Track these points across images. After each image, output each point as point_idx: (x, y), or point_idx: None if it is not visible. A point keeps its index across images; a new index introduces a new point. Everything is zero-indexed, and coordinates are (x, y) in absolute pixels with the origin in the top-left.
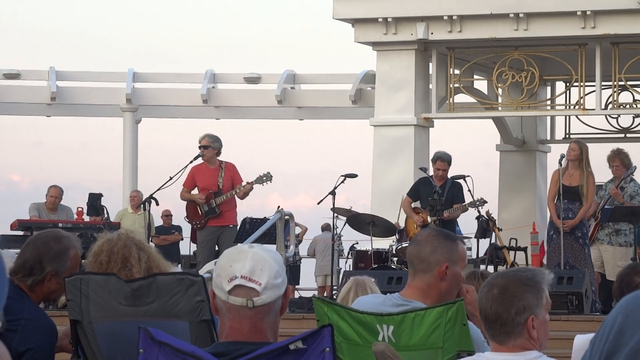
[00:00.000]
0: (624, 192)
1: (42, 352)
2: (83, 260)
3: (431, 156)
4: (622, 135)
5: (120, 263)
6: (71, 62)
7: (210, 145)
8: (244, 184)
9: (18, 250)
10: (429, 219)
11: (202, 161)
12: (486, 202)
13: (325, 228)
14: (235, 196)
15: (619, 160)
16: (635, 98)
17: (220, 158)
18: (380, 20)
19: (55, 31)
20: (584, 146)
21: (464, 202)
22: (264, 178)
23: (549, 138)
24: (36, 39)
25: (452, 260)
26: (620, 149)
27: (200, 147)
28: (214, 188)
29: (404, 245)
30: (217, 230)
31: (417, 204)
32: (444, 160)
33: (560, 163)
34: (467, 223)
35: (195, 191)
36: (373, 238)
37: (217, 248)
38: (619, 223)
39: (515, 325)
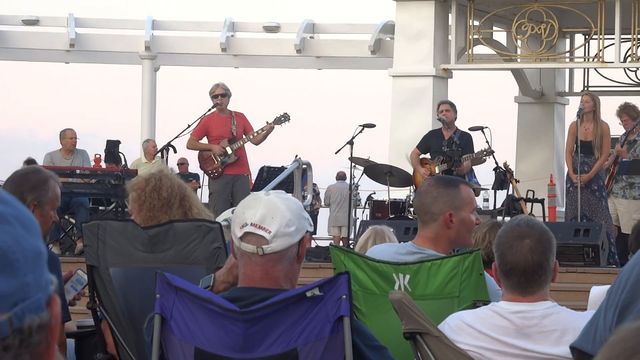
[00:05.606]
0: (636, 145)
1: (59, 282)
2: (130, 182)
3: None
4: None
5: (177, 200)
6: (90, 8)
7: (227, 93)
8: (256, 129)
9: None
10: (437, 170)
11: (213, 111)
12: (493, 152)
13: (340, 177)
14: (245, 145)
15: (625, 114)
16: None
17: (230, 108)
18: None
19: None
20: (597, 98)
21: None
22: (282, 118)
23: (567, 90)
24: None
25: (455, 206)
26: (627, 103)
27: (216, 97)
28: (228, 135)
29: None
30: (233, 178)
31: (427, 156)
32: (445, 102)
33: (578, 116)
34: (484, 174)
35: (204, 141)
36: (390, 188)
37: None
38: (633, 176)
39: (550, 273)
